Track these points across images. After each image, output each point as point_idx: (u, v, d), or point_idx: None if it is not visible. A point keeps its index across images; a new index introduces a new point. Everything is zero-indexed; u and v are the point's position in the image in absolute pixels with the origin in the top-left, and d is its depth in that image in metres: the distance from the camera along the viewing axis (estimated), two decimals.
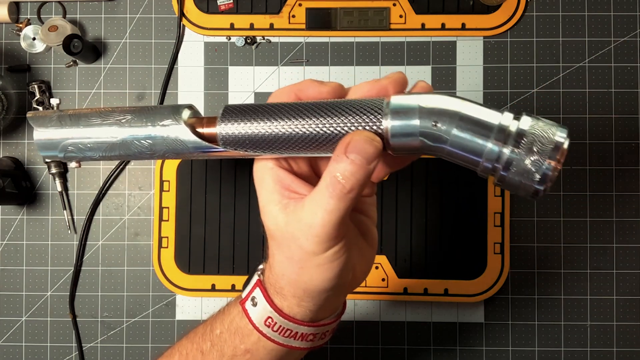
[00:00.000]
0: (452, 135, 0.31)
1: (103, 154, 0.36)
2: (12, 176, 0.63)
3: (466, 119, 0.31)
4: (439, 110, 0.31)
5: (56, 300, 0.65)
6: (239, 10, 0.65)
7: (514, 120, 0.31)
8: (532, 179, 0.30)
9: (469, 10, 0.64)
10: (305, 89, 0.36)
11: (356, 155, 0.32)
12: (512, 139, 0.30)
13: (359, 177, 0.32)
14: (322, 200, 0.33)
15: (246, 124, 0.34)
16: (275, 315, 0.37)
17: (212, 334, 0.41)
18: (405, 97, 0.33)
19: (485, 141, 0.30)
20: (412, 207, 0.63)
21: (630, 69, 0.65)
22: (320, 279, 0.35)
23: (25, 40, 0.65)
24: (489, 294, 0.63)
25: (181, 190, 0.64)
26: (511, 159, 0.30)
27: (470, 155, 0.31)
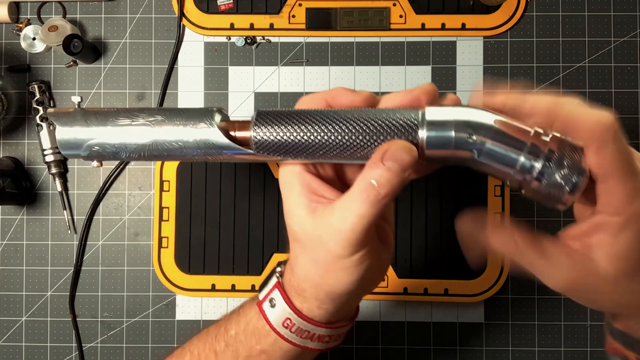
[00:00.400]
0: (486, 148, 0.32)
1: (129, 154, 0.36)
2: (12, 176, 0.63)
3: (500, 133, 0.32)
4: (474, 123, 0.32)
5: (56, 300, 0.65)
6: (239, 10, 0.65)
7: (544, 136, 0.32)
8: (562, 190, 0.32)
9: (469, 10, 0.64)
10: (338, 97, 0.36)
11: (393, 163, 0.33)
12: (544, 154, 0.31)
13: (394, 184, 0.33)
14: (355, 205, 0.33)
15: (281, 130, 0.34)
16: (294, 316, 0.37)
17: (227, 335, 0.41)
18: (441, 110, 0.34)
19: (518, 155, 0.32)
20: (412, 207, 0.63)
21: (630, 69, 0.65)
22: (344, 282, 0.36)
23: (25, 40, 0.65)
24: (489, 294, 0.63)
25: (181, 190, 0.64)
26: (543, 172, 0.31)
27: (502, 167, 0.32)
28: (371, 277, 0.38)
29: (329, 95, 0.36)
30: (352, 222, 0.33)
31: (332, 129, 0.34)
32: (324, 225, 0.34)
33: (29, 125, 0.66)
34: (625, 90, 0.64)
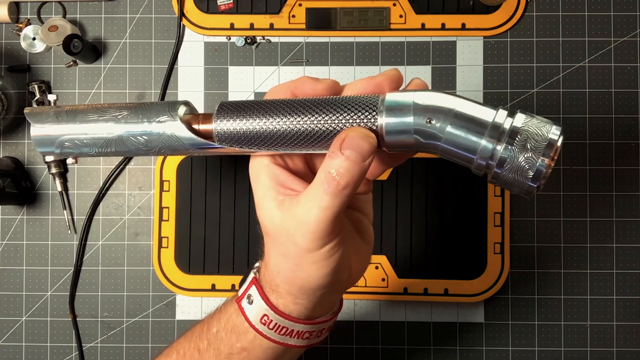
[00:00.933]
0: (446, 133, 0.31)
1: (99, 149, 0.36)
2: (12, 176, 0.63)
3: (460, 116, 0.31)
4: (433, 107, 0.31)
5: (56, 300, 0.65)
6: (239, 10, 0.65)
7: (509, 117, 0.31)
8: (525, 176, 0.30)
9: (469, 10, 0.64)
10: (301, 86, 0.36)
11: (351, 152, 0.32)
12: (506, 136, 0.30)
13: (354, 173, 0.32)
14: (317, 197, 0.33)
15: (242, 121, 0.34)
16: (271, 312, 0.37)
17: (209, 333, 0.41)
18: (400, 94, 0.33)
19: (479, 138, 0.31)
20: (412, 207, 0.63)
21: (630, 69, 0.65)
22: (315, 276, 0.35)
23: (25, 40, 0.65)
24: (489, 294, 0.63)
25: (181, 190, 0.64)
26: (505, 156, 0.30)
27: (464, 153, 0.31)
28: (347, 271, 0.37)
29: (292, 85, 0.36)
30: (316, 214, 0.33)
31: (293, 118, 0.33)
32: (290, 218, 0.34)
33: (29, 125, 0.66)
34: (625, 90, 0.64)
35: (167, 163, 0.64)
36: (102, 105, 0.37)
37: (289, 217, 0.34)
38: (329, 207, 0.33)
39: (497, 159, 0.30)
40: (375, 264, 0.63)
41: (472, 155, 0.31)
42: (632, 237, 0.64)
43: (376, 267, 0.63)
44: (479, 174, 0.32)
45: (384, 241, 0.63)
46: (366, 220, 0.41)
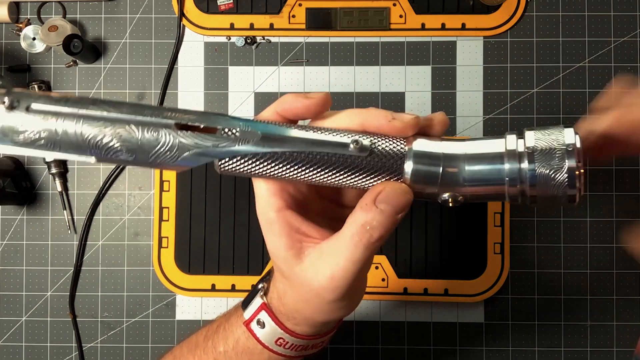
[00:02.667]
0: (467, 173, 0.31)
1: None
2: (12, 176, 0.63)
3: (473, 157, 0.31)
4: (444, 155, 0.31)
5: (56, 300, 0.65)
6: (239, 10, 0.65)
7: (519, 139, 0.31)
8: (562, 185, 0.29)
9: (469, 10, 0.64)
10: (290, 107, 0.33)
11: (386, 206, 0.31)
12: (526, 156, 0.30)
13: (388, 226, 0.31)
14: (346, 250, 0.31)
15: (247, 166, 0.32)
16: (286, 336, 0.37)
17: (215, 351, 0.40)
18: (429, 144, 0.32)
19: (501, 166, 0.30)
20: (412, 207, 0.63)
21: (630, 69, 0.64)
22: (337, 316, 0.36)
23: (25, 40, 0.65)
24: (489, 294, 0.63)
25: (181, 190, 0.64)
26: (533, 174, 0.30)
27: (492, 186, 0.31)
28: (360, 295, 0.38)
29: (279, 107, 0.33)
30: (344, 269, 0.32)
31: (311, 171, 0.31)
32: (312, 271, 0.33)
33: None
34: None
35: None
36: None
37: (310, 269, 0.33)
38: (358, 261, 0.32)
39: (527, 180, 0.30)
40: (375, 264, 0.63)
41: (501, 186, 0.31)
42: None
43: (376, 267, 0.63)
44: (516, 203, 0.32)
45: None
46: None
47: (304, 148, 0.31)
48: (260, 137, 0.31)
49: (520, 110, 0.65)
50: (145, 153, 0.31)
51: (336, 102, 0.65)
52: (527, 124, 0.64)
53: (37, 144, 0.30)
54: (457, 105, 0.65)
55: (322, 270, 0.32)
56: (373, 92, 0.65)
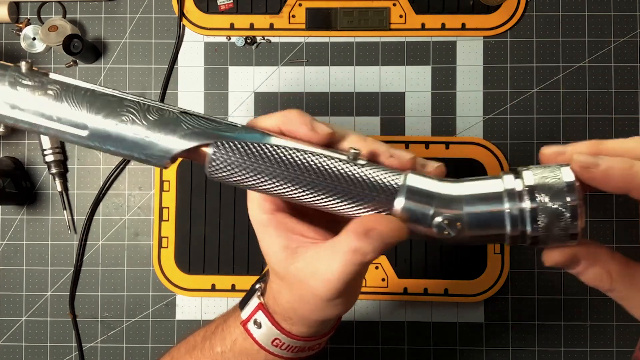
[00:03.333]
0: (465, 216, 0.30)
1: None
2: (12, 176, 0.63)
3: (472, 198, 0.30)
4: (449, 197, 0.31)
5: (56, 300, 0.65)
6: (239, 10, 0.65)
7: (517, 179, 0.30)
8: (564, 224, 0.29)
9: (469, 10, 0.64)
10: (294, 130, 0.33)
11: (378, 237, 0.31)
12: (526, 196, 0.29)
13: (380, 251, 0.32)
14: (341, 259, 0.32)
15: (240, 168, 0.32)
16: (283, 337, 0.37)
17: (213, 352, 0.40)
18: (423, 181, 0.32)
19: (501, 207, 0.30)
20: None
21: (630, 69, 0.64)
22: (332, 314, 0.36)
23: (25, 40, 0.65)
24: (489, 294, 0.63)
25: (181, 190, 0.64)
26: (535, 214, 0.29)
27: (492, 229, 0.30)
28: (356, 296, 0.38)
29: (284, 126, 0.33)
30: (339, 272, 0.32)
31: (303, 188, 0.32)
32: (309, 271, 0.33)
33: None
34: (625, 90, 0.64)
35: None
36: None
37: (306, 268, 0.33)
38: (353, 271, 0.32)
39: (528, 221, 0.29)
40: (375, 264, 0.63)
41: (501, 228, 0.30)
42: (632, 237, 0.64)
43: (376, 267, 0.63)
44: (516, 244, 0.31)
45: None
46: None
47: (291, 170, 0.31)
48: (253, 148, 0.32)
49: (520, 110, 0.65)
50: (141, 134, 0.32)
51: (336, 102, 0.65)
52: (527, 124, 0.64)
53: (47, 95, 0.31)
54: (457, 105, 0.65)
55: (319, 270, 0.33)
56: (373, 92, 0.65)
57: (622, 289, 0.30)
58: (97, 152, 0.66)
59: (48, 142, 0.64)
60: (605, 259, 0.30)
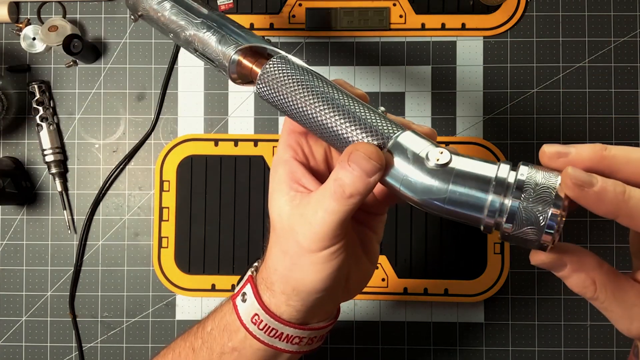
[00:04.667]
0: (450, 192, 0.30)
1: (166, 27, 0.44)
2: (12, 176, 0.63)
3: (462, 175, 0.30)
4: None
5: (56, 300, 0.65)
6: (239, 10, 0.65)
7: (512, 171, 0.30)
8: (538, 229, 0.28)
9: (469, 10, 0.64)
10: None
11: (355, 167, 0.32)
12: (512, 190, 0.29)
13: (358, 186, 0.33)
14: (324, 201, 0.33)
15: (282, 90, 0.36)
16: (261, 312, 0.37)
17: (204, 331, 0.41)
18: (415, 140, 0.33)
19: (485, 195, 0.29)
20: (412, 207, 0.63)
21: (630, 69, 0.65)
22: (310, 279, 0.35)
23: (25, 40, 0.65)
24: (489, 294, 0.63)
25: (181, 190, 0.64)
26: (514, 211, 0.28)
27: (470, 212, 0.30)
28: (345, 281, 0.38)
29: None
30: (321, 217, 0.33)
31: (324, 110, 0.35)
32: (297, 216, 0.34)
33: (29, 125, 0.66)
34: (625, 90, 0.64)
35: (167, 163, 0.64)
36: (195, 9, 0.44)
37: (296, 214, 0.35)
38: (333, 212, 0.33)
39: (506, 214, 0.29)
40: None
41: (479, 213, 0.30)
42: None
43: (376, 267, 0.63)
44: (488, 232, 0.31)
45: (384, 241, 0.63)
46: (375, 239, 0.41)
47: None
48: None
49: (520, 110, 0.65)
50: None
51: None
52: (527, 124, 0.64)
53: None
54: (457, 105, 0.65)
55: (304, 215, 0.34)
56: (373, 92, 0.65)
57: (605, 299, 0.30)
58: (97, 152, 0.66)
59: (48, 142, 0.64)
60: (591, 267, 0.30)
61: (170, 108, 0.66)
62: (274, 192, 0.37)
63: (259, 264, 0.40)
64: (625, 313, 0.30)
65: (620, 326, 0.30)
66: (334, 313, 0.42)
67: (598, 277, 0.30)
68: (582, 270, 0.30)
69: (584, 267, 0.30)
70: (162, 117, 0.66)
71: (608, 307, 0.30)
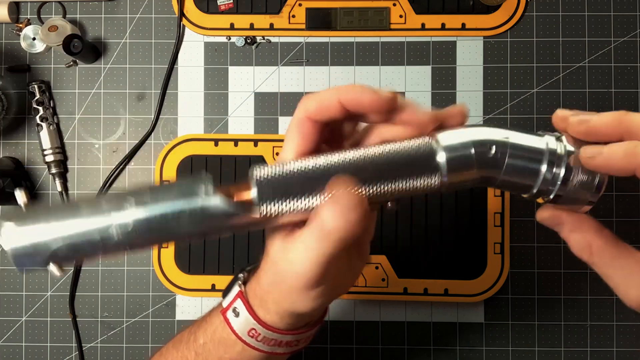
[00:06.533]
0: (507, 163, 0.32)
1: (112, 246, 0.31)
2: (12, 176, 0.63)
3: (517, 147, 0.32)
4: (490, 141, 0.32)
5: (56, 300, 0.65)
6: (239, 10, 0.65)
7: (557, 141, 0.32)
8: (589, 191, 0.32)
9: (469, 10, 0.64)
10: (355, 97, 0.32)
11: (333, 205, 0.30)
12: (564, 159, 0.31)
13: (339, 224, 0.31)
14: (306, 238, 0.32)
15: (288, 201, 0.31)
16: (258, 327, 0.37)
17: (196, 344, 0.40)
18: (456, 134, 0.33)
19: (539, 165, 0.32)
20: (412, 207, 0.63)
21: (630, 69, 0.65)
22: (304, 307, 0.35)
23: (25, 40, 0.65)
24: (489, 294, 0.63)
25: None
26: (567, 178, 0.31)
27: (525, 181, 0.32)
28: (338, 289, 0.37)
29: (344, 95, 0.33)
30: (303, 258, 0.32)
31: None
32: (285, 258, 0.33)
33: (29, 125, 0.66)
34: (625, 90, 0.64)
35: (167, 163, 0.64)
36: (103, 199, 0.32)
37: (284, 254, 0.33)
38: (315, 250, 0.31)
39: (559, 180, 0.31)
40: (375, 264, 0.63)
41: (533, 182, 0.32)
42: (632, 237, 0.64)
43: (376, 267, 0.63)
44: (534, 199, 0.33)
45: (384, 241, 0.63)
46: (366, 237, 0.40)
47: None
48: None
49: (520, 110, 0.65)
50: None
51: None
52: (527, 124, 0.64)
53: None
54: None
55: (290, 259, 0.33)
56: None
57: (602, 264, 0.31)
58: (97, 152, 0.66)
59: (48, 142, 0.64)
60: (587, 229, 0.32)
61: (170, 108, 0.66)
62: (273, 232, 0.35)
63: (245, 276, 0.39)
64: (623, 280, 0.31)
65: (620, 293, 0.31)
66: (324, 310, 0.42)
67: (596, 240, 0.31)
68: (579, 230, 0.32)
69: (581, 228, 0.32)
70: (162, 117, 0.66)
71: (606, 272, 0.31)
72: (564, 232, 0.33)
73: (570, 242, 0.32)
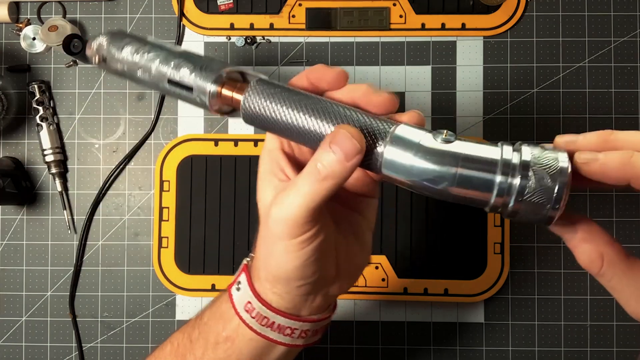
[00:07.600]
0: (458, 177, 0.31)
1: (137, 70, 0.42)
2: (12, 176, 0.63)
3: (468, 159, 0.31)
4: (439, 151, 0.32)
5: (56, 300, 0.65)
6: (239, 10, 0.65)
7: (515, 152, 0.31)
8: (545, 205, 0.30)
9: (469, 10, 0.64)
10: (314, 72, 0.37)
11: (337, 148, 0.32)
12: (519, 170, 0.30)
13: (336, 169, 0.32)
14: (297, 184, 0.33)
15: (269, 108, 0.35)
16: (254, 299, 0.37)
17: (201, 322, 0.41)
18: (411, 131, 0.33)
19: (492, 176, 0.30)
20: (412, 207, 0.63)
21: (630, 69, 0.65)
22: (285, 267, 0.35)
23: (25, 40, 0.65)
24: (489, 294, 0.63)
25: (181, 190, 0.64)
26: (522, 189, 0.30)
27: (478, 193, 0.31)
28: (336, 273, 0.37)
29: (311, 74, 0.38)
30: (291, 202, 0.33)
31: (313, 121, 0.34)
32: (276, 206, 0.34)
33: (29, 125, 0.66)
34: (625, 90, 0.64)
35: (167, 163, 0.64)
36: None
37: (276, 201, 0.35)
38: (305, 195, 0.33)
39: (514, 193, 0.30)
40: (375, 264, 0.63)
41: (488, 194, 0.31)
42: (632, 237, 0.64)
43: (376, 267, 0.63)
44: (493, 212, 0.32)
45: (384, 241, 0.63)
46: (365, 225, 0.40)
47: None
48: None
49: (520, 110, 0.65)
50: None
51: None
52: (527, 124, 0.64)
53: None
54: (457, 105, 0.65)
55: (277, 201, 0.34)
56: None
57: (612, 277, 0.31)
58: (97, 152, 0.66)
59: (48, 142, 0.64)
60: (601, 241, 0.31)
61: (170, 108, 0.66)
62: (260, 181, 0.37)
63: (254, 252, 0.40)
64: (634, 294, 0.30)
65: (629, 308, 0.31)
66: (329, 307, 0.41)
67: (607, 252, 0.30)
68: (591, 241, 0.31)
69: (594, 239, 0.31)
70: (162, 117, 0.66)
71: (616, 286, 0.31)
72: (574, 240, 0.31)
73: (579, 252, 0.31)
